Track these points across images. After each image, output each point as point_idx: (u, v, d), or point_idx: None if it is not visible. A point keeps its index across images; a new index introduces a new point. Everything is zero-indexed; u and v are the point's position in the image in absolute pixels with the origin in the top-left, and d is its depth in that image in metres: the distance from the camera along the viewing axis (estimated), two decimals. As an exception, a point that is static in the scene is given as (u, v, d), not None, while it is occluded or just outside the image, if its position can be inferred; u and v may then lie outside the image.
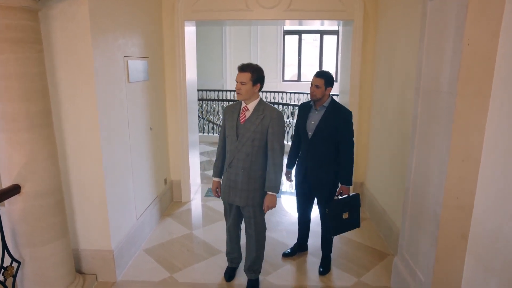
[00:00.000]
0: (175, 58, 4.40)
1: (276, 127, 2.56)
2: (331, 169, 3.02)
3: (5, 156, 2.36)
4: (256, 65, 2.58)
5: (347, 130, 2.95)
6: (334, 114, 2.95)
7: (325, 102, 2.96)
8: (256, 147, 2.60)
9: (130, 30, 3.39)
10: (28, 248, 2.50)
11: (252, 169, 2.64)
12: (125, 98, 3.24)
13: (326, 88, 2.92)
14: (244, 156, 2.61)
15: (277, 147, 2.59)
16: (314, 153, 3.03)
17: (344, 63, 4.92)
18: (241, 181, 2.66)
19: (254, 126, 2.56)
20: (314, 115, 3.01)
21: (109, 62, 2.96)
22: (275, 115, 2.57)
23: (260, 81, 2.57)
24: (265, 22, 5.58)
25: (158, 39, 4.25)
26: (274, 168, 2.62)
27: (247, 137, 2.58)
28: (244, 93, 2.54)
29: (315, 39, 12.36)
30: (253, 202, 2.72)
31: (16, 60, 2.22)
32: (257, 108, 2.59)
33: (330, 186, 3.09)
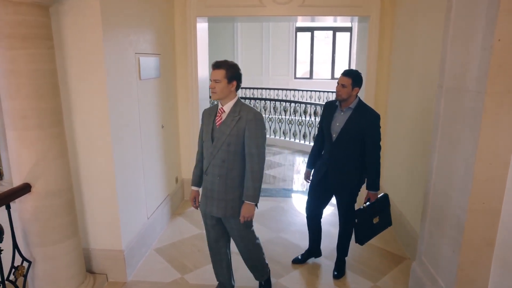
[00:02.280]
0: (187, 55, 4.34)
1: (252, 130, 2.30)
2: (354, 173, 2.89)
3: (15, 155, 2.32)
4: (232, 62, 2.36)
5: (374, 133, 2.78)
6: (361, 117, 2.77)
7: (352, 103, 2.79)
8: (232, 152, 2.34)
9: (142, 26, 3.33)
10: (38, 247, 2.47)
11: (229, 176, 2.39)
12: (136, 95, 3.19)
13: (353, 88, 2.73)
14: (219, 162, 2.37)
15: (255, 151, 2.33)
16: (337, 156, 2.88)
17: (359, 60, 4.80)
18: (217, 190, 2.41)
19: (229, 129, 2.32)
20: (340, 116, 2.85)
21: (120, 59, 2.91)
22: (251, 117, 2.31)
23: (236, 79, 2.34)
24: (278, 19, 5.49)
25: (170, 36, 4.19)
26: (252, 175, 2.36)
27: (222, 141, 2.34)
28: (219, 92, 2.30)
29: (327, 36, 12.20)
30: (233, 212, 2.44)
31: (27, 56, 2.18)
32: (233, 109, 2.35)
33: (351, 190, 2.96)
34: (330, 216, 4.20)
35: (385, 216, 2.97)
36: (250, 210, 2.40)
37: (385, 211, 2.97)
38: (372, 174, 2.85)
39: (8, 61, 2.19)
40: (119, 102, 2.88)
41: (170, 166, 4.22)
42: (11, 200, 2.22)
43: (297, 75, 12.14)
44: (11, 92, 2.22)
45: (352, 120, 2.78)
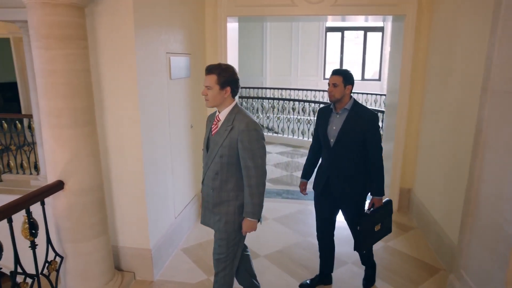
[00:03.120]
0: (217, 54, 4.33)
1: (245, 141, 2.09)
2: (357, 180, 2.68)
3: (50, 152, 2.37)
4: (226, 66, 2.15)
5: (375, 134, 2.60)
6: (358, 117, 2.58)
7: (347, 104, 2.60)
8: (225, 164, 2.16)
9: (173, 25, 3.34)
10: (70, 243, 2.51)
11: (224, 189, 2.21)
12: (166, 95, 3.20)
13: (345, 86, 2.55)
14: (213, 174, 2.21)
15: (250, 164, 2.12)
16: (337, 163, 2.68)
17: (393, 61, 4.63)
18: (212, 202, 2.25)
19: (222, 139, 2.15)
20: (336, 119, 2.65)
21: (152, 58, 2.93)
22: (242, 127, 2.09)
23: (230, 84, 2.12)
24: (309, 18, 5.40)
25: (200, 35, 4.20)
26: (250, 190, 2.16)
27: (215, 152, 2.18)
28: (211, 99, 2.13)
29: (357, 37, 11.95)
30: (226, 229, 2.24)
31: (62, 56, 2.22)
32: (228, 117, 2.16)
33: (357, 200, 2.75)
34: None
35: (387, 222, 2.82)
36: (251, 226, 2.24)
37: (387, 218, 2.81)
38: (376, 179, 2.67)
39: (46, 61, 2.23)
40: (150, 102, 2.89)
41: (198, 166, 4.22)
42: (45, 197, 2.26)
43: (326, 76, 11.95)
44: (47, 92, 2.27)
45: (350, 121, 2.59)
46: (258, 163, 2.13)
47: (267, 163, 6.77)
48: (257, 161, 2.13)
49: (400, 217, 4.31)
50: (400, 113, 4.29)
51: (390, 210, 2.82)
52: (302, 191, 3.01)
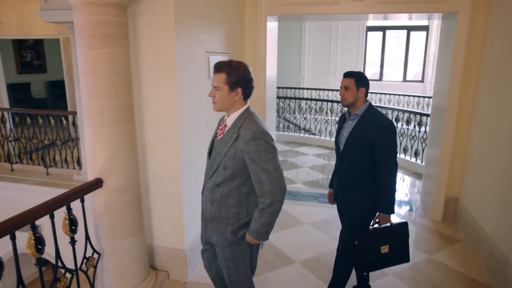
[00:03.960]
0: (256, 54, 4.27)
1: (253, 152, 1.78)
2: (364, 191, 2.45)
3: (90, 150, 2.41)
4: (237, 63, 1.85)
5: (384, 144, 2.33)
6: (369, 124, 2.36)
7: (359, 109, 2.41)
8: (228, 177, 1.88)
9: (213, 25, 3.32)
10: (107, 241, 2.54)
11: (224, 204, 1.92)
12: (204, 94, 3.17)
13: (358, 89, 2.38)
14: (213, 185, 1.94)
15: (264, 178, 1.79)
16: (344, 171, 2.53)
17: (442, 61, 4.36)
18: (210, 216, 1.99)
19: (226, 149, 1.87)
20: (347, 125, 2.49)
21: (191, 57, 2.91)
22: (249, 135, 1.79)
23: (241, 85, 1.83)
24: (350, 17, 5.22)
25: (239, 35, 4.15)
26: (261, 206, 1.84)
27: (217, 162, 1.90)
28: (218, 102, 1.86)
29: (398, 36, 11.50)
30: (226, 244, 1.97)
31: (105, 55, 2.24)
32: (235, 123, 1.88)
33: (357, 211, 2.51)
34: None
35: (400, 248, 2.48)
36: (250, 240, 1.94)
37: (400, 243, 2.48)
38: (383, 193, 2.39)
39: (89, 60, 2.26)
40: (188, 101, 2.88)
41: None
42: (85, 194, 2.30)
43: (366, 76, 11.59)
44: (89, 90, 2.30)
45: (358, 128, 2.39)
46: (273, 176, 1.79)
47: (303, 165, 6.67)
48: (272, 175, 1.79)
49: (444, 228, 4.05)
50: (448, 116, 4.02)
51: (405, 234, 2.49)
52: (329, 201, 2.83)
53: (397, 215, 4.50)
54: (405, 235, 2.49)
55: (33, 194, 4.42)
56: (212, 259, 2.19)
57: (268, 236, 1.91)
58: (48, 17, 3.88)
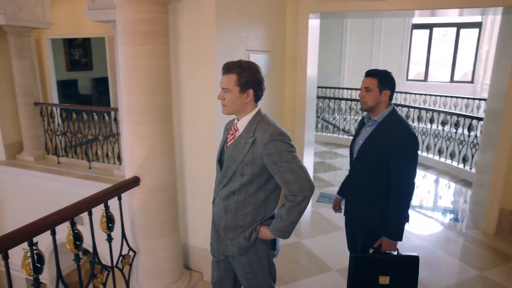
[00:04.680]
0: (297, 53, 4.15)
1: (274, 154, 1.68)
2: (377, 209, 2.13)
3: (129, 148, 2.40)
4: (248, 63, 1.75)
5: (399, 158, 2.00)
6: (385, 133, 2.04)
7: (379, 114, 2.09)
8: (245, 183, 1.76)
9: (253, 22, 3.24)
10: (143, 239, 2.53)
11: (240, 212, 1.81)
12: (244, 94, 3.11)
13: (381, 91, 2.06)
14: (227, 193, 1.81)
15: (291, 178, 1.69)
16: (356, 184, 2.25)
17: (499, 60, 4.01)
18: (224, 227, 1.85)
19: (242, 155, 1.74)
20: (364, 131, 2.19)
21: (231, 55, 2.84)
22: (267, 138, 1.68)
23: (252, 86, 1.72)
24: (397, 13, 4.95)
25: (280, 33, 4.05)
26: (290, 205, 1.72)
27: (232, 170, 1.77)
28: (229, 105, 1.75)
29: (445, 34, 10.87)
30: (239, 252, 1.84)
31: (145, 52, 2.22)
32: (248, 127, 1.76)
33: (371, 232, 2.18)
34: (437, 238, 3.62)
35: (406, 284, 2.12)
36: (265, 235, 1.82)
37: (406, 279, 2.11)
38: (390, 216, 2.06)
39: (129, 58, 2.26)
40: (227, 100, 2.82)
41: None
42: (122, 192, 2.30)
43: (410, 77, 11.08)
44: (129, 88, 2.29)
45: (373, 137, 2.09)
46: (300, 175, 1.69)
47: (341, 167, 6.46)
48: (298, 174, 1.68)
49: (498, 243, 3.72)
50: (506, 120, 3.69)
51: (413, 270, 2.11)
52: (334, 208, 2.57)
53: (441, 223, 4.22)
54: (413, 271, 2.11)
55: (77, 187, 4.57)
56: (225, 271, 2.01)
57: (291, 234, 1.82)
58: (94, 16, 3.98)
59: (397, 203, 2.04)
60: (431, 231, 4.04)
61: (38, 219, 1.76)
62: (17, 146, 5.25)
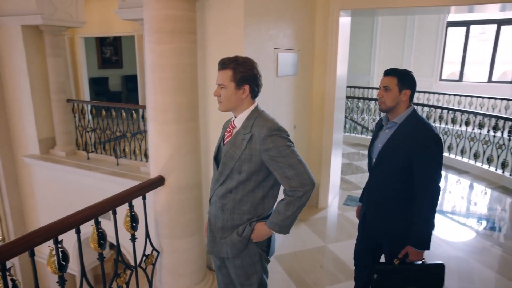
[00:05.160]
0: (327, 51, 4.03)
1: (272, 149, 1.62)
2: (399, 216, 2.01)
3: (154, 147, 2.39)
4: (244, 59, 1.72)
5: (425, 164, 1.89)
6: (408, 135, 1.92)
7: (399, 115, 1.97)
8: (243, 181, 1.71)
9: (283, 20, 3.15)
10: (166, 239, 2.51)
11: (237, 210, 1.75)
12: (271, 93, 3.03)
13: (401, 91, 1.95)
14: (224, 191, 1.76)
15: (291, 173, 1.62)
16: (376, 189, 2.12)
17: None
18: (221, 226, 1.79)
19: (239, 151, 1.69)
20: (383, 134, 2.07)
21: (259, 54, 2.78)
22: (265, 133, 1.63)
23: (248, 81, 1.70)
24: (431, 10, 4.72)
25: (310, 30, 3.94)
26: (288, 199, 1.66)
27: (229, 167, 1.72)
28: (225, 101, 1.71)
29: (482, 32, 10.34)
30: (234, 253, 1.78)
31: (171, 50, 2.19)
32: (245, 124, 1.72)
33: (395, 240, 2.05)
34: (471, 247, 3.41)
35: None
36: (262, 231, 1.74)
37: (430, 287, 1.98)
38: (416, 224, 1.93)
39: (156, 56, 2.23)
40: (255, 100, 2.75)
41: (297, 169, 3.99)
42: (146, 192, 2.28)
43: (443, 76, 10.63)
44: (155, 86, 2.27)
45: (394, 139, 1.97)
46: (300, 169, 1.63)
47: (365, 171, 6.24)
48: (298, 168, 1.63)
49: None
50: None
51: (438, 279, 1.97)
52: (357, 217, 2.44)
53: (476, 231, 3.99)
54: (438, 281, 1.97)
55: (105, 182, 4.64)
56: (227, 276, 1.96)
57: (289, 230, 1.73)
58: (124, 15, 4.03)
59: (423, 209, 1.92)
60: (465, 240, 3.83)
61: (64, 218, 1.76)
62: (50, 141, 5.41)
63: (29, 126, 5.16)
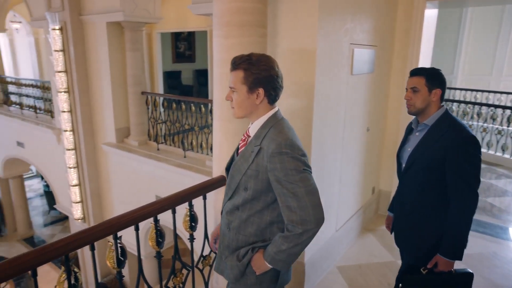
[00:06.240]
0: (408, 47, 3.64)
1: (278, 171, 1.39)
2: (429, 227, 1.88)
3: (217, 145, 2.31)
4: (258, 57, 1.46)
5: (458, 165, 1.74)
6: (440, 137, 1.79)
7: (430, 117, 1.86)
8: (249, 200, 1.51)
9: (360, 12, 2.88)
10: (225, 240, 2.43)
11: (242, 231, 1.55)
12: (344, 92, 2.80)
13: (430, 91, 1.82)
14: (231, 207, 1.58)
15: (294, 205, 1.38)
16: (404, 197, 2.00)
17: None
18: (226, 244, 1.61)
19: (246, 165, 1.50)
20: (413, 137, 1.96)
21: (333, 50, 2.56)
22: (273, 148, 1.40)
23: (263, 84, 1.45)
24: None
25: (389, 24, 3.59)
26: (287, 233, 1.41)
27: (236, 181, 1.54)
28: (236, 107, 1.50)
29: None
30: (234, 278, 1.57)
31: (239, 45, 2.08)
32: (259, 133, 1.50)
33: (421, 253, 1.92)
34: None
35: None
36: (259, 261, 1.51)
37: None
38: (449, 232, 1.79)
39: (224, 50, 2.15)
40: (326, 99, 2.55)
41: (368, 174, 3.69)
42: (207, 192, 2.21)
43: (545, 76, 9.27)
44: (221, 82, 2.19)
45: (425, 143, 1.85)
46: (305, 202, 1.37)
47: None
48: (303, 201, 1.37)
49: None
50: None
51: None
52: (387, 227, 2.27)
53: None
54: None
55: (172, 174, 4.77)
56: None
57: (285, 267, 1.48)
58: (196, 10, 4.07)
59: (457, 216, 1.78)
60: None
61: (123, 214, 1.75)
62: (125, 131, 5.73)
63: (108, 116, 5.51)
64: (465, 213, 1.78)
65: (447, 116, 1.85)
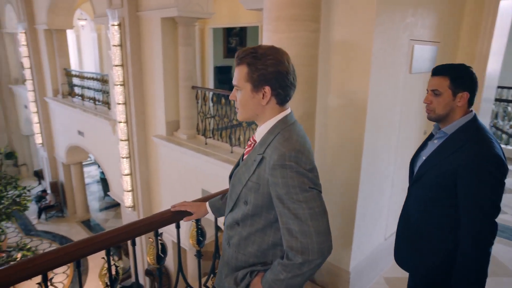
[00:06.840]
0: (476, 44, 3.30)
1: (280, 186, 1.19)
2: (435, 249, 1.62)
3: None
4: (265, 50, 1.25)
5: (472, 190, 1.45)
6: (456, 150, 1.51)
7: (452, 124, 1.57)
8: (249, 215, 1.32)
9: (421, 5, 2.64)
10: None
11: (242, 250, 1.38)
12: (401, 92, 2.59)
13: (455, 95, 1.54)
14: (231, 221, 1.40)
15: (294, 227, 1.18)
16: (407, 212, 1.78)
17: None
18: (226, 261, 1.45)
19: (247, 175, 1.31)
20: (431, 144, 1.69)
21: (391, 46, 2.37)
22: (275, 159, 1.19)
23: (270, 82, 1.24)
24: None
25: (455, 18, 3.28)
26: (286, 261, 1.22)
27: (237, 192, 1.36)
28: (240, 108, 1.32)
29: None
30: None
31: (288, 40, 1.99)
32: (264, 139, 1.29)
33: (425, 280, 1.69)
34: None
35: None
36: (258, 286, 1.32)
37: None
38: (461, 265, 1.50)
39: (273, 46, 2.05)
40: (380, 100, 2.37)
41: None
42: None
43: None
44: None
45: (440, 153, 1.58)
46: (308, 227, 1.17)
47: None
48: (306, 225, 1.17)
49: None
50: None
51: None
52: None
53: None
54: None
55: (219, 168, 4.80)
56: None
57: None
58: (248, 4, 4.03)
59: (468, 247, 1.48)
60: None
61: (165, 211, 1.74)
62: (175, 124, 5.87)
63: (159, 109, 5.67)
64: (477, 244, 1.48)
65: (471, 125, 1.56)
